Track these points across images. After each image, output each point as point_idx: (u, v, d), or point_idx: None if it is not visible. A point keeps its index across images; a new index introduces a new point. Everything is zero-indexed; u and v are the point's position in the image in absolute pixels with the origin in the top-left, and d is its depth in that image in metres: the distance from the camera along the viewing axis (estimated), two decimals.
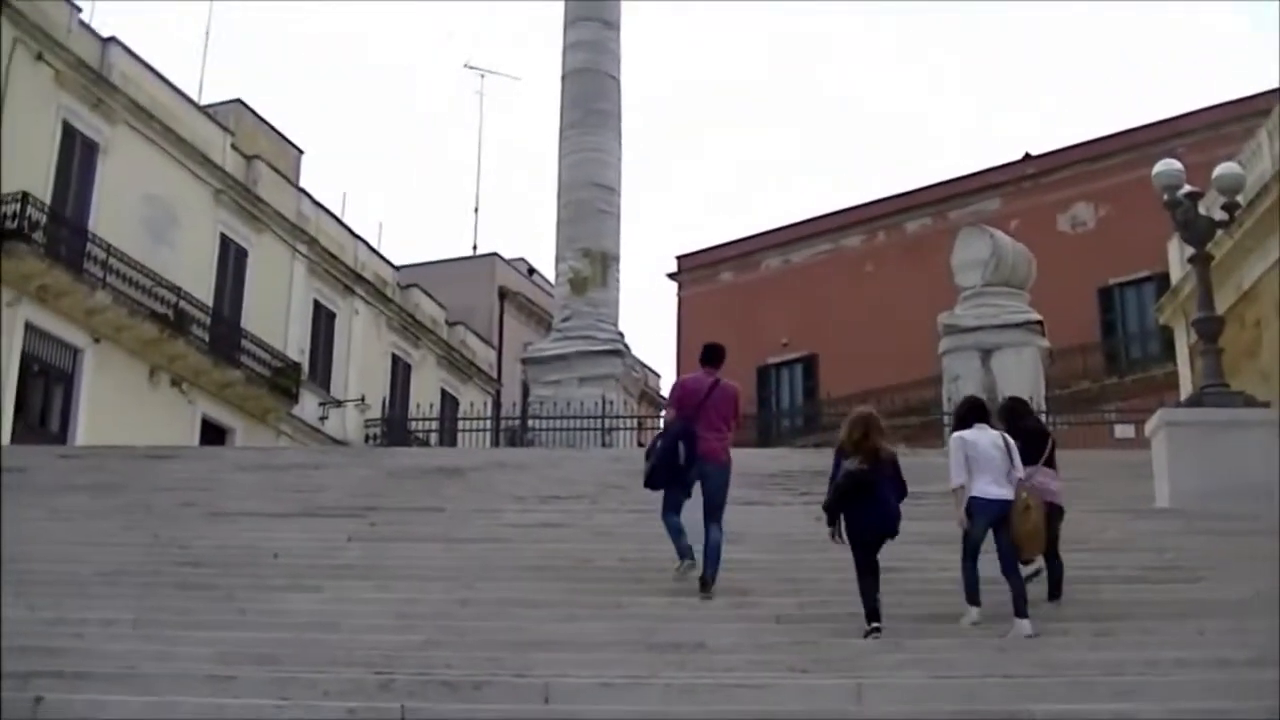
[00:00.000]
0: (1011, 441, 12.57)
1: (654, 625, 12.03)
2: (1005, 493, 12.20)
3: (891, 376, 39.67)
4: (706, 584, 13.07)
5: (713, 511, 13.45)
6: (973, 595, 11.98)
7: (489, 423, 38.99)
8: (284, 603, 12.93)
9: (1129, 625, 11.66)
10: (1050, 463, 13.15)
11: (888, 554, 12.23)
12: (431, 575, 14.16)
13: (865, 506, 12.05)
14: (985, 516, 12.14)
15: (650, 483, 13.73)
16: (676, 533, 13.50)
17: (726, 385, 13.95)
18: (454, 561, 14.84)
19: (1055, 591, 12.72)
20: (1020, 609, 11.61)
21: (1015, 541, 12.13)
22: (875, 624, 11.56)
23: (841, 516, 12.18)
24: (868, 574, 11.83)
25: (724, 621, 12.28)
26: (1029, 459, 12.70)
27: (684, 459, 13.37)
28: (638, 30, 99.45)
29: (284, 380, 38.92)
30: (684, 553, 13.41)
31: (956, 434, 12.68)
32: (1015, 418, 13.64)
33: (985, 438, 12.51)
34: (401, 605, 12.85)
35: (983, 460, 12.31)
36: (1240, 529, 15.50)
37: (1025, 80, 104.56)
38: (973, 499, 12.20)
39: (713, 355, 14.22)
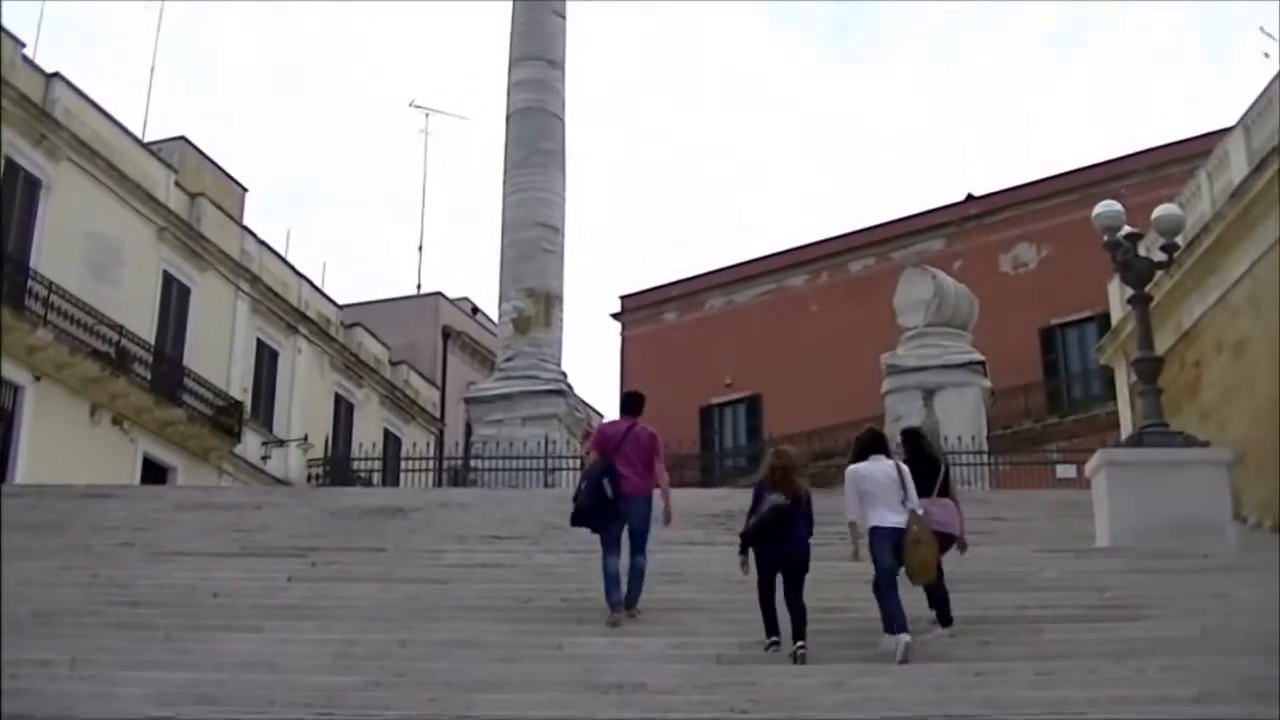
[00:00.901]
0: (906, 471, 13.00)
1: (595, 666, 12.02)
2: (901, 520, 12.68)
3: (835, 416, 39.71)
4: (629, 606, 13.91)
5: (636, 540, 14.28)
6: (899, 623, 12.24)
7: (432, 462, 38.85)
8: (224, 643, 12.86)
9: (1071, 664, 11.69)
10: (945, 493, 13.55)
11: (833, 593, 12.28)
12: (372, 615, 14.11)
13: (780, 539, 12.70)
14: (887, 543, 12.60)
15: (575, 520, 14.52)
16: (611, 583, 14.03)
17: (642, 428, 14.75)
18: (395, 602, 14.79)
19: (946, 619, 13.04)
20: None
21: (906, 571, 12.61)
22: (774, 639, 12.43)
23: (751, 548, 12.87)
24: (768, 597, 12.63)
25: (665, 662, 12.27)
26: (923, 491, 13.11)
27: (611, 493, 14.18)
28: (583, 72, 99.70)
29: (226, 419, 38.69)
30: (615, 605, 13.94)
31: (851, 467, 13.10)
32: (911, 448, 14.01)
33: (879, 469, 12.96)
34: (342, 646, 12.81)
35: (877, 491, 12.79)
36: (1180, 567, 15.63)
37: (968, 120, 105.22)
38: (873, 529, 12.69)
39: (632, 403, 15.24)
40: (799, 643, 12.14)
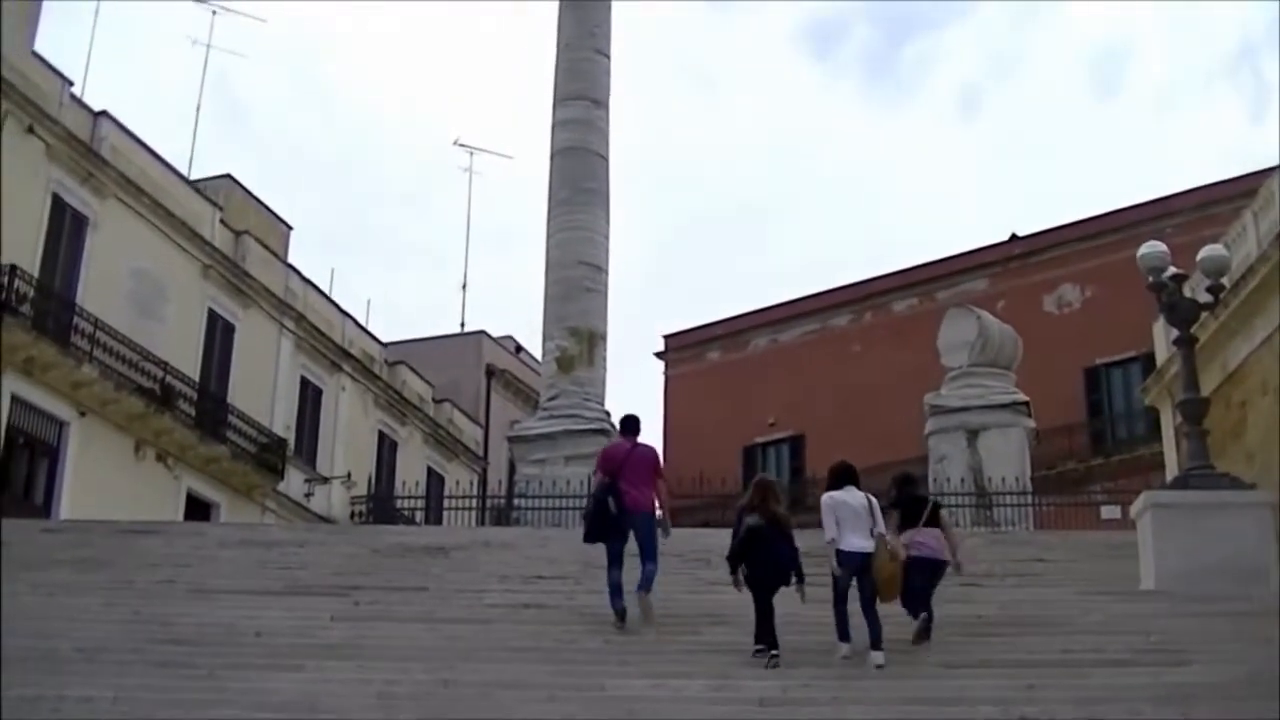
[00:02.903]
0: (875, 501, 14.48)
1: (637, 707, 11.97)
2: (866, 545, 14.12)
3: (878, 456, 39.35)
4: (642, 595, 15.55)
5: (644, 549, 15.92)
6: (843, 633, 13.84)
7: (475, 501, 38.81)
8: (265, 681, 12.85)
9: (1115, 708, 11.61)
10: (932, 523, 14.93)
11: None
12: (414, 655, 14.08)
13: (761, 557, 14.26)
14: (850, 565, 14.04)
15: (587, 538, 16.32)
16: (615, 592, 15.57)
17: (644, 447, 16.52)
18: (437, 642, 14.77)
19: (925, 635, 14.27)
20: (876, 643, 13.55)
21: (874, 587, 14.02)
22: (774, 652, 13.56)
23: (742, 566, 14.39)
24: (764, 613, 13.91)
25: (708, 704, 12.23)
26: (909, 522, 14.83)
27: (615, 508, 15.82)
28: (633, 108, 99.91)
29: (270, 456, 38.81)
30: (620, 613, 15.41)
31: (827, 494, 14.58)
32: (901, 488, 15.52)
33: (851, 498, 14.45)
34: (384, 686, 12.78)
35: (848, 517, 14.25)
36: (1227, 611, 15.46)
37: (1013, 160, 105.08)
38: (839, 551, 14.11)
39: (630, 425, 16.88)
40: (768, 650, 13.62)
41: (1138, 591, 17.77)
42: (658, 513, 16.34)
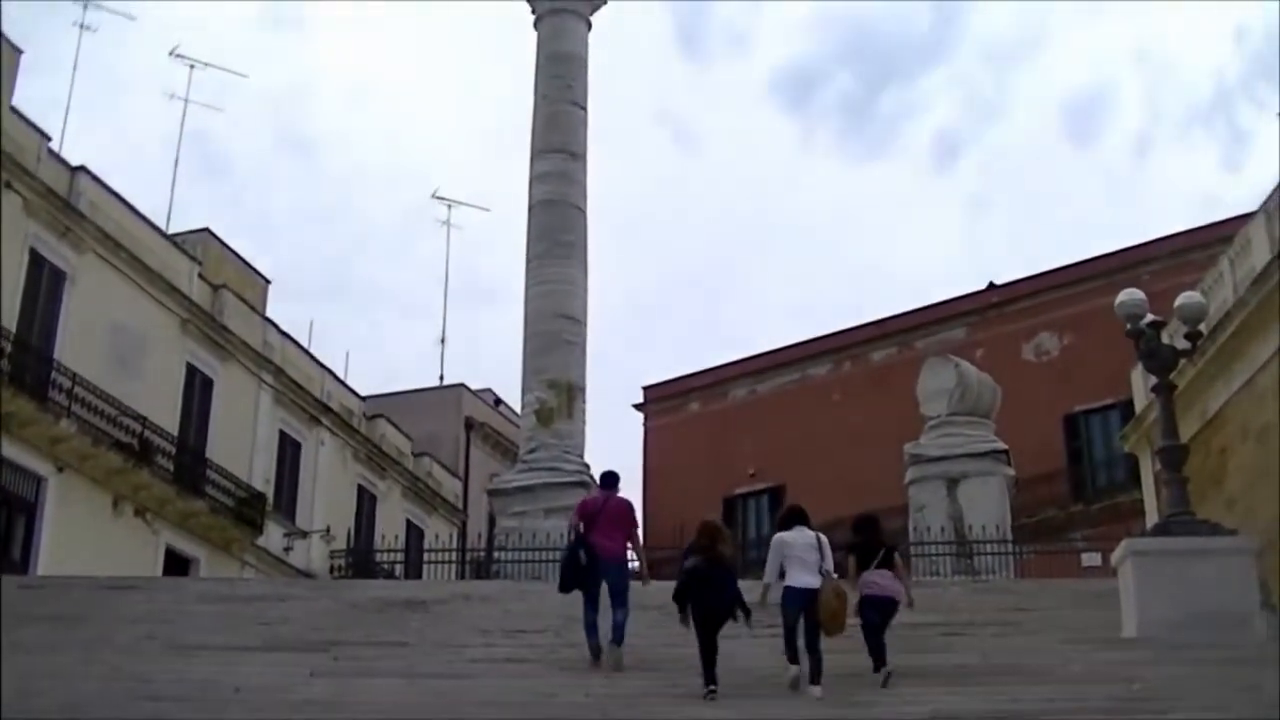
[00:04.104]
0: (824, 540, 15.21)
1: None
2: (813, 582, 14.81)
3: (858, 506, 38.90)
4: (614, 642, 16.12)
5: (615, 597, 16.37)
6: (793, 657, 14.55)
7: (455, 554, 38.72)
8: None
9: None
10: (886, 565, 15.68)
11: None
12: (395, 711, 13.98)
13: (705, 595, 14.87)
14: (797, 601, 14.75)
15: (560, 587, 16.87)
16: (589, 630, 16.29)
17: (618, 500, 17.08)
18: (418, 697, 14.66)
19: (880, 664, 14.93)
20: (815, 678, 14.24)
21: (819, 621, 14.64)
22: (711, 686, 14.09)
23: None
24: (707, 648, 14.46)
25: None
26: (869, 564, 15.62)
27: (585, 560, 16.40)
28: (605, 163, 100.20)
29: (249, 511, 38.69)
30: (594, 652, 16.20)
31: (777, 535, 15.43)
32: (860, 531, 16.17)
33: (799, 537, 15.23)
34: None
35: (796, 556, 15.01)
36: (1210, 658, 15.42)
37: (990, 208, 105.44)
38: (787, 588, 14.90)
39: (608, 480, 17.56)
40: (710, 686, 14.12)
41: (1120, 639, 17.73)
42: (635, 563, 17.12)
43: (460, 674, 16.04)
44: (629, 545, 16.94)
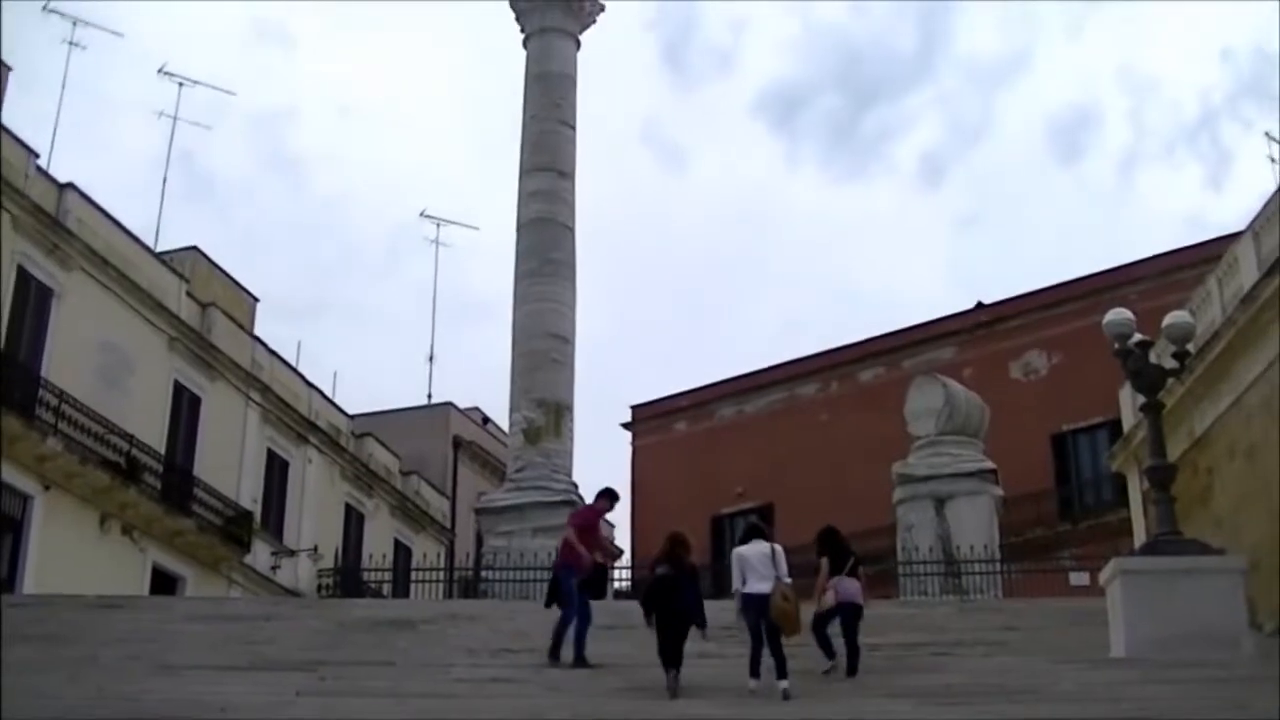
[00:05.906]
0: (779, 550, 16.22)
1: None
2: (767, 588, 15.84)
3: (847, 525, 38.92)
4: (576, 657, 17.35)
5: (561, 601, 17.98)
6: (754, 671, 15.48)
7: (442, 573, 38.67)
8: None
9: None
10: (852, 574, 17.26)
11: None
12: None
13: (670, 601, 15.86)
14: (754, 607, 15.82)
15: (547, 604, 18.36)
16: (557, 636, 17.57)
17: (574, 510, 19.70)
18: (404, 717, 14.64)
19: (853, 670, 16.38)
20: (781, 674, 15.21)
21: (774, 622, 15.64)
22: (674, 671, 15.36)
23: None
24: (669, 649, 15.55)
25: None
26: (838, 571, 17.21)
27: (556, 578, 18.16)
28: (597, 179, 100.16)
29: (236, 529, 38.58)
30: (552, 652, 17.56)
31: (734, 550, 16.54)
32: (825, 541, 17.81)
33: (754, 550, 16.25)
34: None
35: (752, 565, 16.08)
36: (1198, 677, 15.43)
37: (977, 228, 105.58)
38: (744, 595, 15.96)
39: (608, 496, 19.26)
40: (674, 673, 15.35)
41: (1108, 659, 17.74)
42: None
43: (447, 693, 15.99)
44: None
